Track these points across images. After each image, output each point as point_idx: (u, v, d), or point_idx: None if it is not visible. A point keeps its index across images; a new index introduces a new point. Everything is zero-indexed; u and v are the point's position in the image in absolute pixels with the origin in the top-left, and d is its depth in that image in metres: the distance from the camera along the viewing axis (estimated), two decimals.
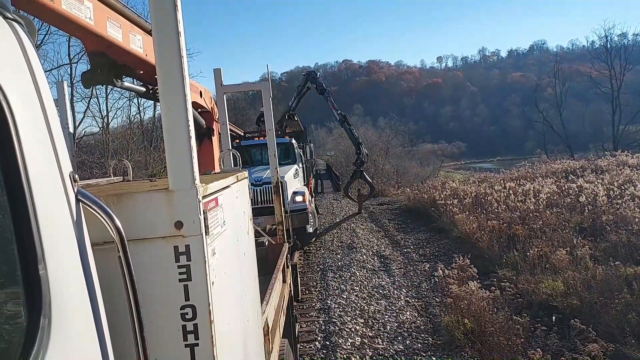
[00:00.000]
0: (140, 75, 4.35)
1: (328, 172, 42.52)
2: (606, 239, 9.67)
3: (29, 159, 1.04)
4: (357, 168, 17.37)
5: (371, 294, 9.23)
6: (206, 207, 1.63)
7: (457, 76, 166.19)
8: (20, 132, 1.03)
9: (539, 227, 10.78)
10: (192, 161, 1.55)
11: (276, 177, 6.17)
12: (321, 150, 64.39)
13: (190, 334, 1.54)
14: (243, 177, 2.56)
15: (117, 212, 1.33)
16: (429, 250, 12.62)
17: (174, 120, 1.55)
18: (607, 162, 21.60)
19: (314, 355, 6.72)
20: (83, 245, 1.23)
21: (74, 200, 1.22)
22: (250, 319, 2.37)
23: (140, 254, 1.52)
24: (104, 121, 21.16)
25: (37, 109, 1.12)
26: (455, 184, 20.84)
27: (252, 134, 16.15)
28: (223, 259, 1.83)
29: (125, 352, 1.43)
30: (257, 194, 11.25)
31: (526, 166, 25.37)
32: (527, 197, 14.26)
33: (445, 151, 78.21)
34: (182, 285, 1.54)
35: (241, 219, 2.40)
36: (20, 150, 1.02)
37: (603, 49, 41.71)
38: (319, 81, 17.27)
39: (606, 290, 7.02)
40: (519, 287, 8.14)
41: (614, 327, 6.15)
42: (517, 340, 6.18)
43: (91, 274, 1.25)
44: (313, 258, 12.40)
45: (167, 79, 1.51)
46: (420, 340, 7.05)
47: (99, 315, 1.25)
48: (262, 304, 3.10)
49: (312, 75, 17.40)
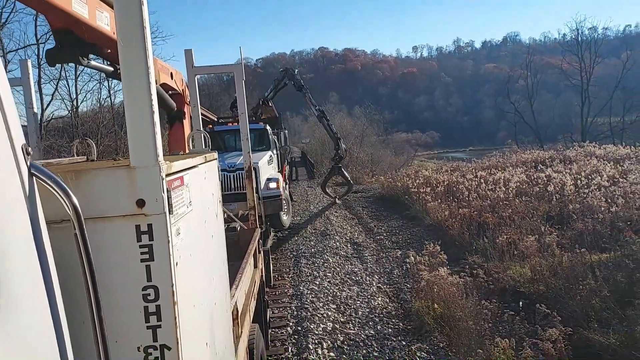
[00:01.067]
0: (107, 54, 4.22)
1: (303, 159, 42.41)
2: (573, 227, 9.90)
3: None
4: (336, 164, 17.06)
5: (344, 280, 9.27)
6: (170, 186, 1.57)
7: (432, 66, 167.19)
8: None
9: (508, 215, 10.98)
10: (155, 137, 1.50)
11: (248, 161, 6.10)
12: (296, 137, 64.22)
13: (152, 316, 1.50)
14: (212, 158, 2.50)
15: (76, 189, 1.27)
16: (402, 237, 12.74)
17: (136, 93, 1.49)
18: (575, 153, 22.10)
19: (286, 340, 6.73)
20: (37, 222, 1.17)
21: (27, 174, 1.16)
22: (218, 302, 2.33)
23: (99, 232, 1.46)
24: (73, 104, 20.57)
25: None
26: (428, 172, 21.04)
27: (225, 119, 15.93)
28: (188, 240, 1.78)
29: (84, 334, 1.38)
30: (230, 180, 11.13)
31: (497, 156, 25.78)
32: (498, 186, 14.50)
33: (419, 140, 78.88)
34: (144, 265, 1.49)
35: (210, 200, 2.34)
36: None
37: (574, 42, 42.58)
38: (297, 78, 17.02)
39: (571, 277, 7.19)
40: (488, 273, 8.29)
41: (578, 312, 6.31)
42: (485, 325, 6.30)
43: (45, 253, 1.19)
44: (286, 244, 12.38)
45: (129, 48, 1.45)
46: (391, 326, 7.12)
47: (54, 296, 1.20)
48: (232, 288, 3.06)
49: (290, 72, 17.14)
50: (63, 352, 1.19)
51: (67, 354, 1.20)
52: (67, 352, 1.20)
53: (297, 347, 6.50)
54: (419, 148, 59.80)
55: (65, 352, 1.20)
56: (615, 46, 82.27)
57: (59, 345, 1.18)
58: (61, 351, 1.18)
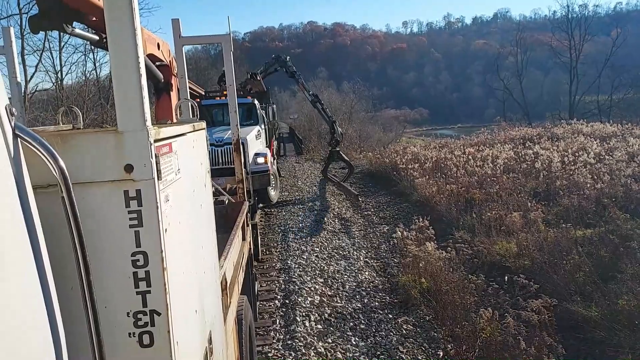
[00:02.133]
0: (92, 22, 4.11)
1: (291, 135, 42.21)
2: (559, 203, 10.04)
3: None
4: (333, 148, 16.64)
5: (331, 254, 9.34)
6: (158, 152, 1.55)
7: (422, 42, 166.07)
8: None
9: (496, 192, 11.08)
10: (143, 101, 1.46)
11: (236, 134, 6.05)
12: (284, 113, 63.70)
13: (141, 281, 1.49)
14: (200, 127, 2.47)
15: (62, 154, 1.24)
16: (389, 213, 12.81)
17: (123, 57, 1.45)
18: (562, 130, 22.27)
19: (274, 312, 6.79)
20: (22, 185, 1.15)
21: (11, 135, 1.13)
22: (207, 272, 2.33)
23: (87, 198, 1.44)
24: (58, 76, 20.18)
25: None
26: (416, 149, 21.10)
27: (213, 93, 15.73)
28: (177, 207, 1.76)
29: (72, 299, 1.38)
30: (218, 154, 11.05)
31: (486, 133, 25.89)
32: (485, 162, 14.60)
33: (407, 117, 78.70)
34: (132, 231, 1.48)
35: (198, 169, 2.32)
36: None
37: (564, 19, 42.51)
38: (289, 65, 16.57)
39: (556, 252, 7.32)
40: (475, 248, 8.39)
41: (562, 286, 6.44)
42: (470, 298, 6.41)
43: (32, 216, 1.17)
44: (274, 219, 12.40)
45: (114, 9, 1.40)
46: (377, 299, 7.21)
47: (42, 260, 1.18)
48: (221, 259, 3.06)
49: (282, 60, 16.69)
50: (52, 318, 1.18)
51: (56, 319, 1.19)
52: (56, 318, 1.19)
53: (285, 319, 6.56)
54: (408, 125, 59.73)
55: (55, 317, 1.19)
56: (605, 23, 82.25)
57: (48, 311, 1.17)
58: (50, 317, 1.17)
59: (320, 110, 16.56)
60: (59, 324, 1.21)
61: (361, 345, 5.86)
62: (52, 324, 1.18)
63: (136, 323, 1.50)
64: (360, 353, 5.67)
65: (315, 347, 5.78)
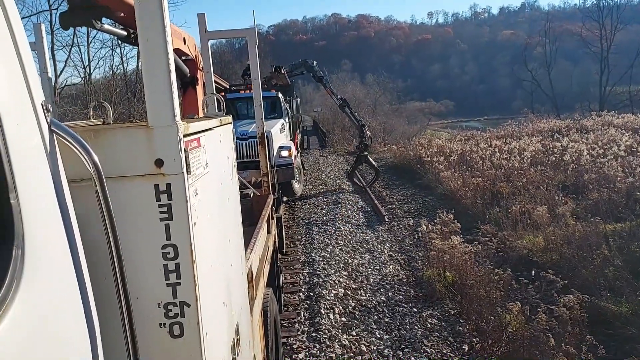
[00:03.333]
0: (121, 18, 4.19)
1: (315, 128, 42.24)
2: (588, 196, 9.83)
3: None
4: (361, 152, 16.18)
5: (355, 248, 9.35)
6: (187, 146, 1.58)
7: (447, 33, 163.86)
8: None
9: (523, 185, 10.91)
10: (172, 97, 1.49)
11: (261, 128, 6.09)
12: (308, 106, 63.71)
13: (172, 273, 1.53)
14: (227, 122, 2.50)
15: (95, 148, 1.28)
16: (414, 206, 12.74)
17: (153, 54, 1.48)
18: (592, 122, 21.75)
19: (298, 305, 6.84)
20: (58, 179, 1.19)
21: (47, 131, 1.17)
22: (234, 264, 2.37)
23: (118, 192, 1.48)
24: (86, 71, 20.58)
25: (5, 33, 1.04)
26: (441, 141, 20.88)
27: (238, 87, 15.84)
28: (205, 201, 1.80)
29: (104, 290, 1.41)
30: (243, 148, 11.14)
31: (513, 125, 25.44)
32: (512, 155, 14.37)
33: (432, 109, 77.81)
34: (163, 224, 1.51)
35: (225, 164, 2.35)
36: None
37: (595, 7, 41.37)
38: (315, 69, 16.40)
39: (585, 246, 7.18)
40: (501, 242, 8.30)
41: (590, 281, 6.32)
42: (496, 292, 6.34)
43: (67, 209, 1.21)
44: (298, 212, 12.46)
45: (145, 9, 1.43)
46: (402, 292, 7.20)
47: (77, 251, 1.22)
48: (247, 252, 3.10)
49: (308, 64, 16.51)
50: (87, 307, 1.21)
51: (90, 308, 1.23)
52: (90, 306, 1.23)
53: (310, 312, 6.61)
54: (433, 117, 59.08)
55: (89, 306, 1.22)
56: (638, 11, 79.68)
57: (83, 300, 1.20)
58: (85, 305, 1.21)
59: (348, 114, 16.29)
60: (94, 313, 1.25)
61: (385, 338, 5.87)
62: (87, 312, 1.22)
63: (167, 314, 1.54)
64: (384, 346, 5.67)
65: (340, 340, 5.81)
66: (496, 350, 5.30)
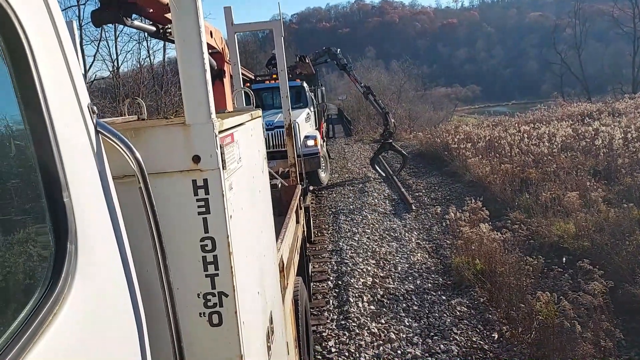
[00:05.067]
0: (150, 14, 4.26)
1: (339, 116, 42.13)
2: (620, 182, 9.61)
3: (47, 89, 1.04)
4: (385, 140, 15.88)
5: (382, 236, 9.36)
6: (222, 142, 1.63)
7: (473, 16, 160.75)
8: (39, 63, 1.02)
9: (553, 171, 10.72)
10: (208, 95, 1.55)
11: (289, 119, 6.13)
12: (332, 94, 63.53)
13: (210, 265, 1.59)
14: (257, 116, 2.55)
15: (135, 145, 1.34)
16: (441, 194, 12.66)
17: (189, 55, 1.53)
18: (625, 105, 21.13)
19: (327, 293, 6.92)
20: (105, 176, 1.25)
21: (94, 132, 1.23)
22: (267, 255, 2.43)
23: (158, 187, 1.54)
24: (114, 65, 20.98)
25: (53, 38, 1.10)
26: (468, 128, 20.62)
27: (263, 77, 15.92)
28: (240, 194, 1.85)
29: (147, 281, 1.48)
30: (269, 138, 11.23)
31: (542, 109, 24.91)
32: (542, 140, 14.08)
33: (459, 95, 76.78)
34: (201, 218, 1.57)
35: (256, 157, 2.41)
36: (40, 81, 1.02)
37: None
38: (339, 57, 16.26)
39: (618, 232, 7.04)
40: (531, 229, 8.20)
41: (624, 268, 6.21)
42: (526, 280, 6.28)
43: (114, 205, 1.27)
44: (325, 201, 12.52)
45: (181, 9, 1.48)
46: (430, 280, 7.20)
47: (123, 244, 1.28)
48: (277, 242, 3.16)
49: (332, 52, 16.35)
50: (133, 297, 1.28)
51: (137, 298, 1.30)
52: (137, 297, 1.30)
53: (339, 300, 6.68)
54: (459, 103, 58.28)
55: (136, 296, 1.29)
56: None
57: (130, 291, 1.27)
58: (131, 294, 1.28)
59: (372, 101, 16.13)
60: (140, 303, 1.32)
61: (414, 326, 5.90)
62: (134, 303, 1.28)
63: (206, 304, 1.61)
64: (413, 334, 5.70)
65: (369, 328, 5.86)
66: (526, 338, 5.28)
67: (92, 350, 1.06)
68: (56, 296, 0.99)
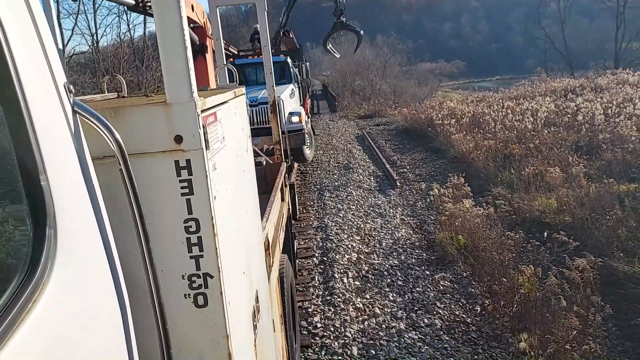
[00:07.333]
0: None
1: (324, 92, 41.87)
2: (602, 157, 9.76)
3: (21, 68, 0.99)
4: (337, 19, 15.13)
5: (367, 212, 9.41)
6: (205, 122, 1.60)
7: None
8: (10, 40, 0.97)
9: (535, 146, 10.84)
10: (189, 74, 1.50)
11: (273, 95, 6.06)
12: (317, 70, 62.96)
13: (194, 246, 1.57)
14: (240, 93, 2.50)
15: (115, 125, 1.30)
16: (425, 170, 12.73)
17: (169, 30, 1.48)
18: (607, 81, 21.32)
19: (312, 270, 6.96)
20: (83, 158, 1.22)
21: (70, 112, 1.19)
22: (252, 234, 2.42)
23: (140, 168, 1.50)
24: (94, 39, 20.47)
25: (25, 12, 1.05)
26: (452, 103, 20.66)
27: (246, 52, 15.67)
28: (224, 174, 1.82)
29: (131, 263, 1.46)
30: (253, 114, 11.10)
31: (525, 85, 25.02)
32: (525, 116, 14.19)
33: (443, 70, 76.74)
34: (184, 199, 1.55)
35: (240, 135, 2.37)
36: (12, 59, 0.97)
37: None
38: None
39: (598, 207, 7.17)
40: (513, 204, 8.31)
41: (603, 242, 6.35)
42: (508, 255, 6.39)
43: (94, 187, 1.24)
44: (310, 178, 12.51)
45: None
46: (414, 256, 7.29)
47: (104, 227, 1.26)
48: (262, 221, 3.15)
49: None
50: (116, 280, 1.26)
51: (120, 281, 1.28)
52: (119, 280, 1.28)
53: (324, 276, 6.73)
54: (444, 78, 58.34)
55: (119, 279, 1.27)
56: None
57: (112, 274, 1.25)
58: (114, 278, 1.26)
59: None
60: (123, 286, 1.30)
61: (399, 301, 5.98)
62: (117, 286, 1.26)
63: (191, 285, 1.59)
64: (398, 308, 5.79)
65: (354, 303, 5.93)
66: (508, 312, 5.39)
67: (75, 336, 1.04)
68: (35, 282, 0.97)
